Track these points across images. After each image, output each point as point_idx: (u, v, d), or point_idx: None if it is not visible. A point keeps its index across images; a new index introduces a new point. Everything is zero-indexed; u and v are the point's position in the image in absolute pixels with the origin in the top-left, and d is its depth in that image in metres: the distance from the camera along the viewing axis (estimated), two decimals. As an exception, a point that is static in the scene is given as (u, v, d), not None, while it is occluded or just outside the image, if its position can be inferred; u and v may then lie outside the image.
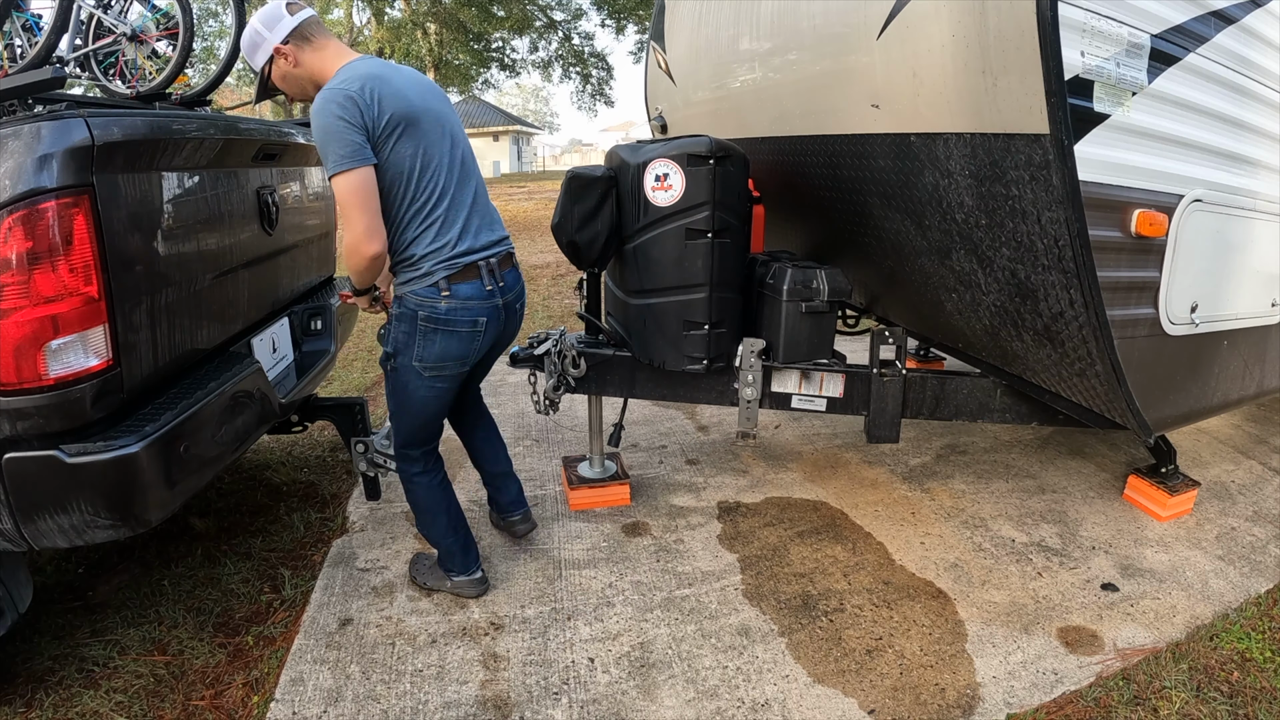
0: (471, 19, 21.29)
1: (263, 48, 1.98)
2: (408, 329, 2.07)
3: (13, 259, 1.55)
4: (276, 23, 1.97)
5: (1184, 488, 2.95)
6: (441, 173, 2.01)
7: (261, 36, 1.98)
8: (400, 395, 2.18)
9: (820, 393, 2.78)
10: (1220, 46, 2.14)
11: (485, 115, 39.23)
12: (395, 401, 2.21)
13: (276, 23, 1.97)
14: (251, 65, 2.03)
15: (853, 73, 2.39)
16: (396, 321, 2.09)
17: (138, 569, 2.65)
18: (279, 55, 1.99)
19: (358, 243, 1.91)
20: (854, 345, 4.13)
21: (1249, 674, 2.09)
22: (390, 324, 2.13)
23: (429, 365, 2.09)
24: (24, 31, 2.62)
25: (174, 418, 1.83)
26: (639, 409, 4.10)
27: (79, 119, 1.63)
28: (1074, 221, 1.86)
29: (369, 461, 2.65)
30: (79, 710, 2.00)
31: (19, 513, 1.69)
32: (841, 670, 2.11)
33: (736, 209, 2.57)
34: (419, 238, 2.00)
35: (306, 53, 2.00)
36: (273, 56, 1.99)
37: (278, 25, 1.97)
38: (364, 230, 1.89)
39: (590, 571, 2.59)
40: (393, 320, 2.12)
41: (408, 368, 2.10)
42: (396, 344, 2.10)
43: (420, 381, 2.11)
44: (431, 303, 2.02)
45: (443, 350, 2.07)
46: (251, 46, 2.00)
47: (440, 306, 2.02)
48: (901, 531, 2.83)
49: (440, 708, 1.98)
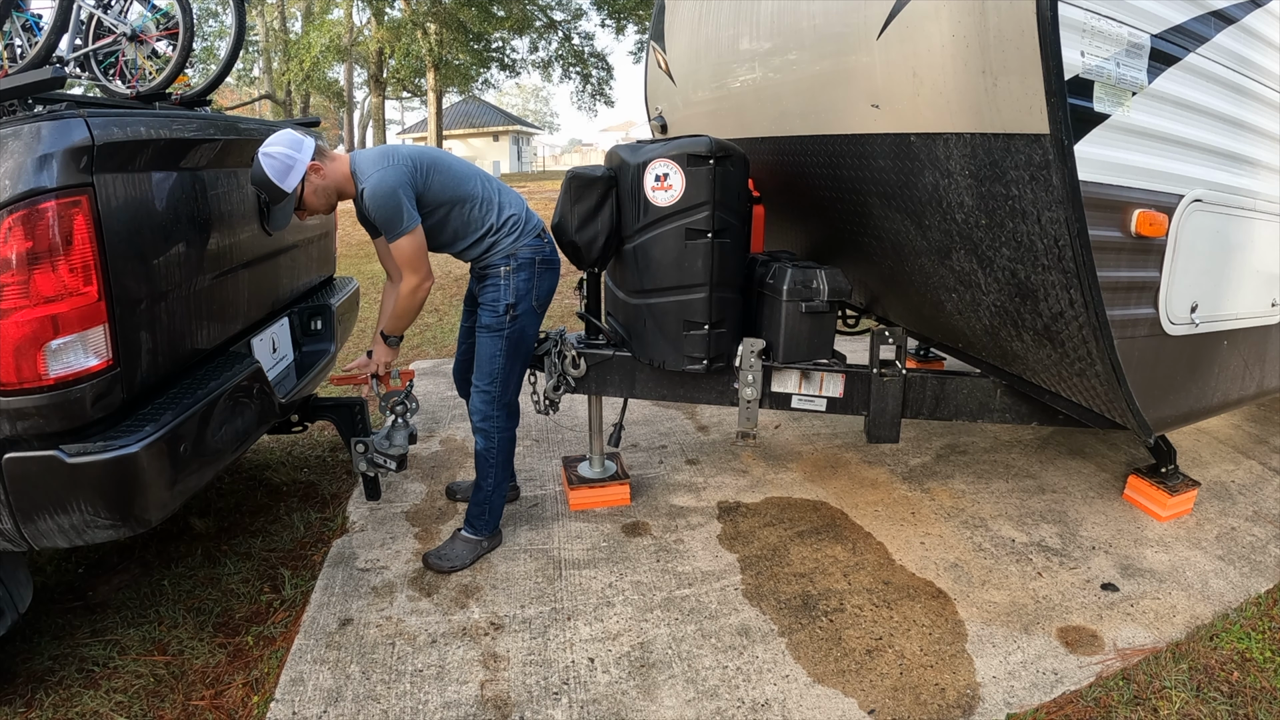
0: (471, 19, 21.26)
1: (296, 168, 2.17)
2: (527, 276, 2.47)
3: (13, 259, 1.56)
4: (300, 144, 2.19)
5: (1184, 488, 2.95)
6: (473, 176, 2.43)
7: (292, 158, 2.16)
8: (517, 344, 2.51)
9: (820, 393, 2.78)
10: (1220, 46, 2.14)
11: (485, 115, 39.22)
12: (510, 353, 2.50)
13: (300, 144, 2.19)
14: (283, 187, 2.16)
15: (853, 73, 2.39)
16: (515, 274, 2.45)
17: (138, 569, 2.65)
18: (312, 171, 2.21)
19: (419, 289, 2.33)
20: (854, 345, 4.13)
21: (1249, 674, 2.09)
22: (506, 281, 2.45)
23: (543, 301, 2.54)
24: (24, 31, 2.62)
25: (174, 418, 1.83)
26: (639, 409, 4.10)
27: (79, 119, 1.63)
28: (1074, 221, 1.86)
29: (369, 461, 2.65)
30: (79, 710, 2.00)
31: (19, 513, 1.69)
32: (841, 670, 2.11)
33: (736, 209, 2.57)
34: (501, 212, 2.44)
35: (328, 164, 2.27)
36: (305, 174, 2.19)
37: (303, 146, 2.19)
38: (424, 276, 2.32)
39: (590, 571, 2.59)
40: (508, 277, 2.44)
41: (529, 311, 2.50)
42: (518, 293, 2.45)
43: (535, 321, 2.54)
44: (540, 247, 2.51)
45: (550, 285, 2.56)
46: (283, 170, 2.15)
47: (547, 249, 2.53)
48: (901, 531, 2.83)
49: (440, 708, 1.98)
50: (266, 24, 25.34)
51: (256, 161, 2.15)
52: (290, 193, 2.18)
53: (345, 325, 3.29)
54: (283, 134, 2.20)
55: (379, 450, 2.62)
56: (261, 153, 2.15)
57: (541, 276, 2.51)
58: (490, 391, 2.53)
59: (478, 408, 2.56)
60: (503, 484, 2.65)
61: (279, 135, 2.19)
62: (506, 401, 2.56)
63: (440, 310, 6.66)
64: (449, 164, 2.39)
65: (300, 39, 22.04)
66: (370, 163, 2.25)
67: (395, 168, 2.23)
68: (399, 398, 2.63)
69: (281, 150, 2.15)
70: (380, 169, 2.22)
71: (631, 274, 2.67)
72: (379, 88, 24.35)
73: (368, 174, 2.23)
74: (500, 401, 2.55)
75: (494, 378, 2.52)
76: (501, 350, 2.49)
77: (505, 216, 2.44)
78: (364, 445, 2.64)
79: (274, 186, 2.15)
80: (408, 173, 2.24)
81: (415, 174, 2.27)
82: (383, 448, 2.62)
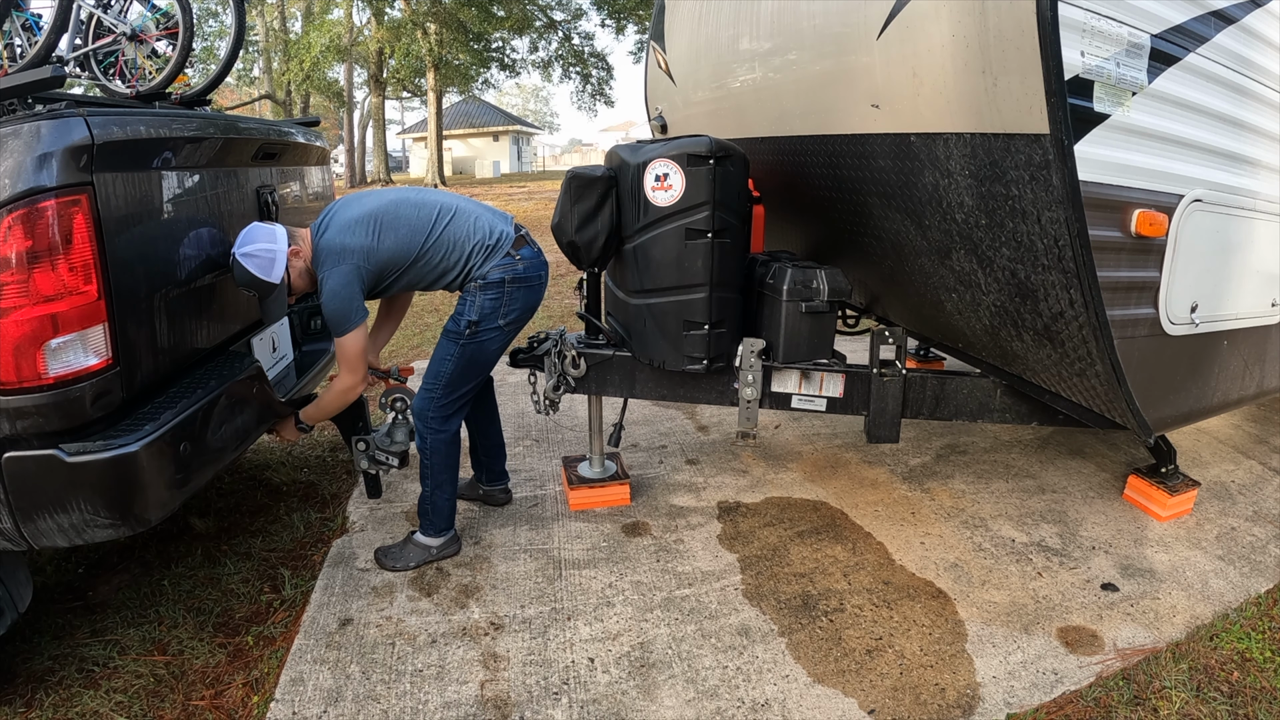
0: (471, 19, 21.27)
1: (278, 260, 2.22)
2: (494, 295, 2.44)
3: (12, 258, 1.55)
4: (273, 234, 2.24)
5: (1184, 488, 2.95)
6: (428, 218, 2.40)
7: (271, 251, 2.21)
8: (474, 357, 2.49)
9: (820, 393, 2.78)
10: (1220, 46, 2.14)
11: (485, 115, 39.23)
12: (463, 365, 2.48)
13: (273, 234, 2.24)
14: (271, 281, 2.21)
15: (853, 73, 2.39)
16: (481, 292, 2.43)
17: (138, 569, 2.65)
18: (292, 256, 2.28)
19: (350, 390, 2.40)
20: (854, 345, 4.13)
21: (1249, 674, 2.08)
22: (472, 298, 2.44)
23: (511, 320, 2.50)
24: (24, 31, 2.62)
25: (174, 417, 1.83)
26: (639, 409, 4.10)
27: (79, 118, 1.63)
28: (1074, 221, 1.86)
29: (370, 459, 2.65)
30: (79, 710, 2.00)
31: (19, 512, 1.68)
32: (841, 670, 2.11)
33: (736, 209, 2.57)
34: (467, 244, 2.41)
35: (300, 245, 2.32)
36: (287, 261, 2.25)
37: (276, 235, 2.24)
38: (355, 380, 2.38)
39: (590, 571, 2.59)
40: (474, 294, 2.44)
41: (492, 328, 2.47)
42: (482, 311, 2.43)
43: (499, 337, 2.50)
44: (511, 266, 2.46)
45: (523, 303, 2.51)
46: (267, 265, 2.20)
47: (519, 268, 2.46)
48: (901, 531, 2.83)
49: (440, 708, 1.98)
50: (266, 24, 25.34)
51: (238, 265, 2.18)
52: (279, 284, 2.24)
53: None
54: (251, 231, 2.22)
55: (380, 448, 2.62)
56: (240, 254, 2.17)
57: (512, 296, 2.46)
58: (431, 392, 2.50)
59: (416, 406, 2.55)
60: (443, 486, 2.58)
61: (248, 233, 2.21)
62: (444, 404, 2.51)
63: (441, 310, 6.67)
64: (407, 218, 2.35)
65: (300, 39, 22.07)
66: (329, 254, 2.27)
67: (347, 263, 2.26)
68: (399, 395, 2.63)
69: (259, 247, 2.20)
70: (333, 265, 2.26)
71: (631, 274, 2.67)
72: (379, 88, 24.36)
73: (325, 267, 2.27)
74: (438, 404, 2.50)
75: (438, 379, 2.49)
76: (453, 356, 2.46)
77: (471, 247, 2.41)
78: (365, 443, 2.64)
79: (263, 283, 2.20)
80: (355, 268, 2.27)
81: (367, 256, 2.28)
82: (384, 445, 2.62)
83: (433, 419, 2.51)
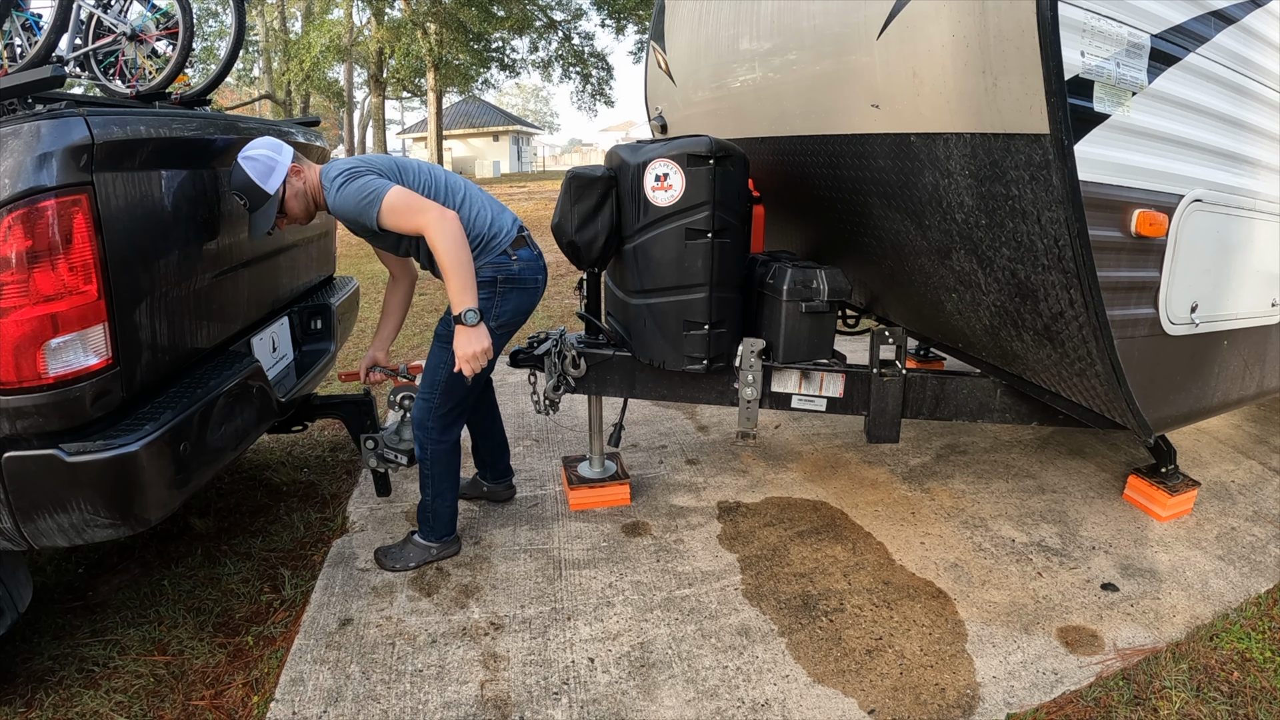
0: (471, 19, 21.28)
1: (277, 170, 2.15)
2: (485, 295, 2.34)
3: (12, 257, 1.55)
4: (280, 147, 2.18)
5: (1184, 488, 2.95)
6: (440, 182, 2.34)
7: (274, 160, 2.15)
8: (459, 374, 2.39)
9: (820, 393, 2.78)
10: (1220, 46, 2.14)
11: (485, 115, 39.22)
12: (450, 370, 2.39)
13: (280, 147, 2.18)
14: (265, 189, 2.14)
15: (853, 73, 2.39)
16: None
17: (138, 569, 2.65)
18: (293, 174, 2.19)
19: (443, 219, 2.09)
20: (854, 345, 4.13)
21: (1249, 674, 2.08)
22: None
23: (503, 323, 2.41)
24: (24, 31, 2.62)
25: (174, 417, 1.83)
26: (639, 409, 4.10)
27: (79, 118, 1.63)
28: (1074, 221, 1.86)
29: (379, 457, 2.63)
30: (79, 710, 1.99)
31: (19, 512, 1.68)
32: (841, 670, 2.11)
33: (736, 209, 2.57)
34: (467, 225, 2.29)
35: (305, 170, 2.24)
36: (287, 176, 2.17)
37: (283, 149, 2.18)
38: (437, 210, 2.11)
39: (590, 571, 2.59)
40: None
41: None
42: None
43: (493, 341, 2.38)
44: (505, 266, 2.37)
45: (515, 305, 2.42)
46: (265, 172, 2.13)
47: (514, 268, 2.39)
48: (901, 531, 2.83)
49: (440, 708, 1.98)
50: (266, 24, 25.35)
51: (236, 167, 2.12)
52: (273, 195, 2.15)
53: (345, 325, 3.29)
54: (261, 139, 2.17)
55: (389, 445, 2.61)
56: (242, 157, 2.12)
57: (504, 296, 2.38)
58: (429, 401, 2.44)
59: (414, 415, 2.49)
60: (444, 494, 2.55)
61: (258, 140, 2.17)
62: (444, 414, 2.46)
63: (440, 311, 6.67)
64: (423, 175, 2.31)
65: (300, 39, 22.07)
66: (333, 169, 2.20)
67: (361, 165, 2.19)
68: (407, 393, 2.62)
69: (262, 153, 2.14)
70: (347, 167, 2.19)
71: (631, 274, 2.67)
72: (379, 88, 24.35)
73: (328, 182, 2.19)
74: (437, 412, 2.45)
75: (434, 387, 2.43)
76: (445, 363, 2.38)
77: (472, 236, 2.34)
78: (374, 441, 2.63)
79: (256, 189, 2.12)
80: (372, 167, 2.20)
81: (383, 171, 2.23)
82: (392, 443, 2.61)
83: (432, 428, 2.47)
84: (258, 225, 2.18)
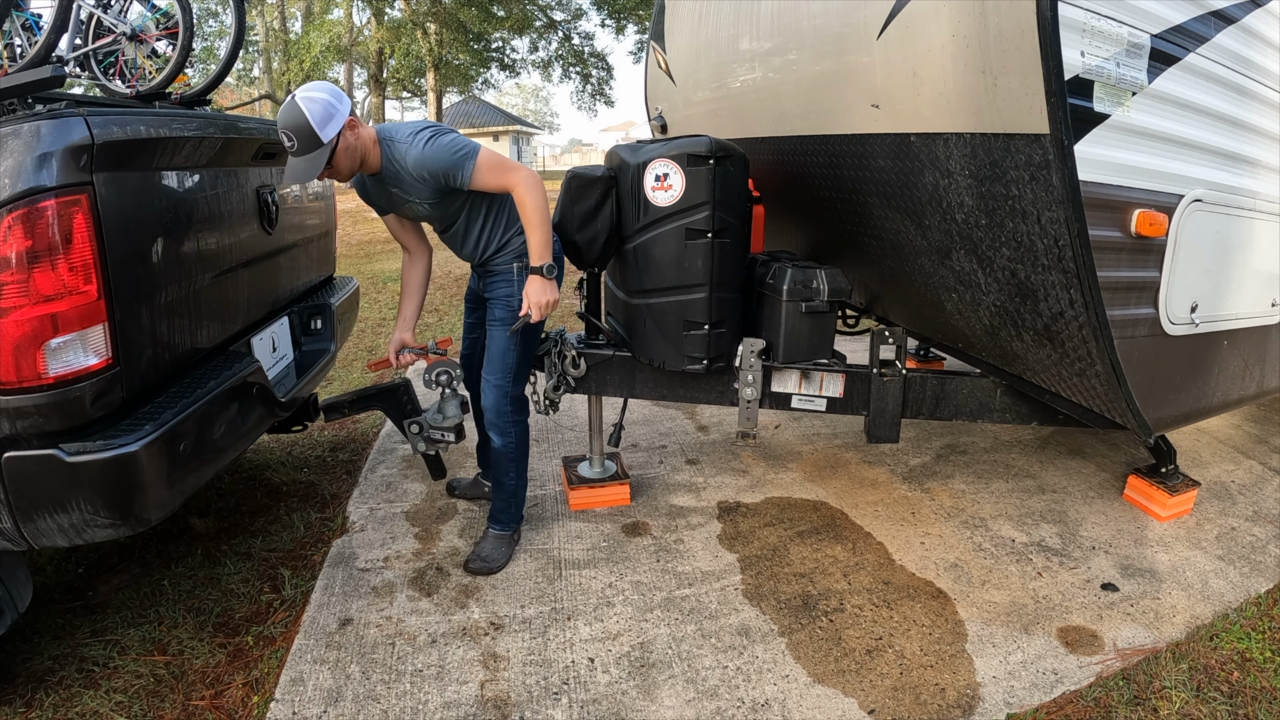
0: (471, 19, 21.27)
1: (336, 118, 2.08)
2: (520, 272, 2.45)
3: (12, 257, 1.55)
4: (341, 96, 2.11)
5: (1184, 488, 2.95)
6: None
7: (334, 108, 2.08)
8: (528, 339, 2.52)
9: (820, 393, 2.78)
10: (1220, 46, 2.14)
11: (485, 115, 39.20)
12: (521, 349, 2.50)
13: (341, 96, 2.11)
14: (320, 135, 2.05)
15: (853, 73, 2.39)
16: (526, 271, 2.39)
17: (138, 569, 2.65)
18: (349, 127, 2.14)
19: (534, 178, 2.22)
20: (854, 345, 4.13)
21: (1249, 674, 2.08)
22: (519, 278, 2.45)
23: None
24: (24, 31, 2.62)
25: (174, 417, 1.83)
26: (639, 409, 4.09)
27: (78, 117, 1.63)
28: (1074, 221, 1.86)
29: (427, 440, 2.60)
30: (79, 710, 1.99)
31: (19, 512, 1.68)
32: (841, 670, 2.11)
33: (736, 209, 2.57)
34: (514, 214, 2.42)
35: (360, 127, 2.20)
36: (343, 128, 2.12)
37: (343, 98, 2.12)
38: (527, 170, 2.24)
39: (590, 571, 2.59)
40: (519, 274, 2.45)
41: None
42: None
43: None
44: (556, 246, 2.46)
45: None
46: (325, 117, 2.05)
47: (555, 248, 2.45)
48: (901, 531, 2.83)
49: (440, 708, 1.98)
50: (266, 24, 25.33)
51: (293, 105, 2.01)
52: (326, 144, 2.05)
53: (345, 324, 3.29)
54: (321, 83, 2.09)
55: (434, 425, 2.58)
56: (301, 96, 2.02)
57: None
58: (503, 386, 2.50)
59: (491, 404, 2.52)
60: (524, 475, 2.65)
61: (318, 83, 2.08)
62: (516, 395, 2.55)
63: (440, 310, 6.66)
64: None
65: (300, 39, 22.05)
66: (408, 128, 2.19)
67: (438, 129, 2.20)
68: (443, 369, 2.57)
69: (324, 97, 2.04)
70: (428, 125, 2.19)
71: (631, 274, 2.67)
72: (379, 88, 24.33)
73: (404, 138, 2.18)
74: (511, 395, 2.53)
75: (506, 372, 2.49)
76: (515, 345, 2.47)
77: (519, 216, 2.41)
78: (418, 425, 2.61)
79: (311, 133, 2.02)
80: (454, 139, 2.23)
81: None
82: (437, 422, 2.58)
83: (511, 412, 2.53)
84: (298, 172, 2.07)
